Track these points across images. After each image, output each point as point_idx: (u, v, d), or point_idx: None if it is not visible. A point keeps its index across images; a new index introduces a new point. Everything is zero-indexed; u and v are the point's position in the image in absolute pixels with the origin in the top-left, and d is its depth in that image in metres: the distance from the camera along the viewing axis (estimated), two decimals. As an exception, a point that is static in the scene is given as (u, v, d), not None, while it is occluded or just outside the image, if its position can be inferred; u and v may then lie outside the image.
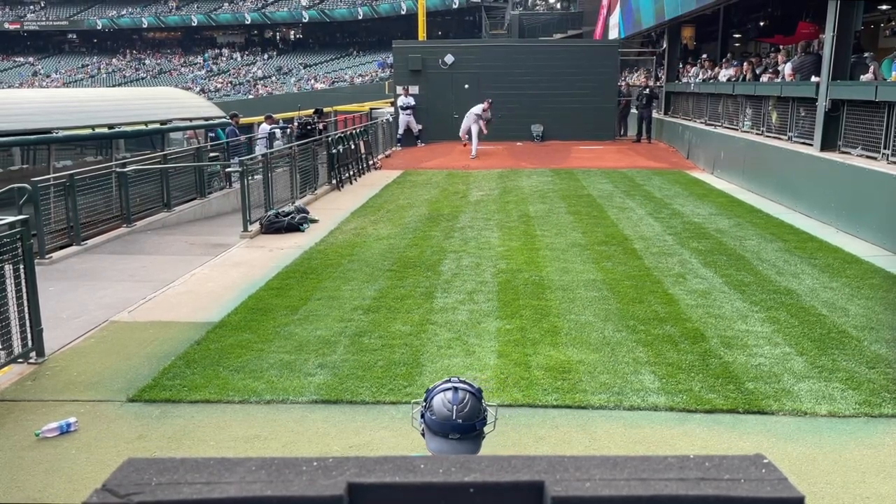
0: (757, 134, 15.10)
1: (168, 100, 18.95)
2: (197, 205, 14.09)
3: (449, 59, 23.72)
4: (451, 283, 8.33)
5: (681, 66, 23.22)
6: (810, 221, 11.28)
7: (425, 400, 2.31)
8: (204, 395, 5.50)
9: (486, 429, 2.30)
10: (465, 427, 2.23)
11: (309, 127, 16.71)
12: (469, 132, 20.32)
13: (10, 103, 14.84)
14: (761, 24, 21.56)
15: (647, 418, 5.12)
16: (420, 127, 23.35)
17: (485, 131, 20.04)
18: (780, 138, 13.92)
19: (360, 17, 62.56)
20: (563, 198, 13.90)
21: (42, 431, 4.88)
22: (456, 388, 2.29)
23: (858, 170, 10.43)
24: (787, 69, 14.09)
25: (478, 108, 20.07)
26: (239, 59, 67.61)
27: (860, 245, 9.73)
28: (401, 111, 23.30)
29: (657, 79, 25.74)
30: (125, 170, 12.37)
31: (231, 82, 62.62)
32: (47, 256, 9.73)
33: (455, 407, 2.24)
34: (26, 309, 6.11)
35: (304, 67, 63.33)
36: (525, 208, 12.92)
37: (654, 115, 23.26)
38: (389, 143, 22.69)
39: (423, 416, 2.30)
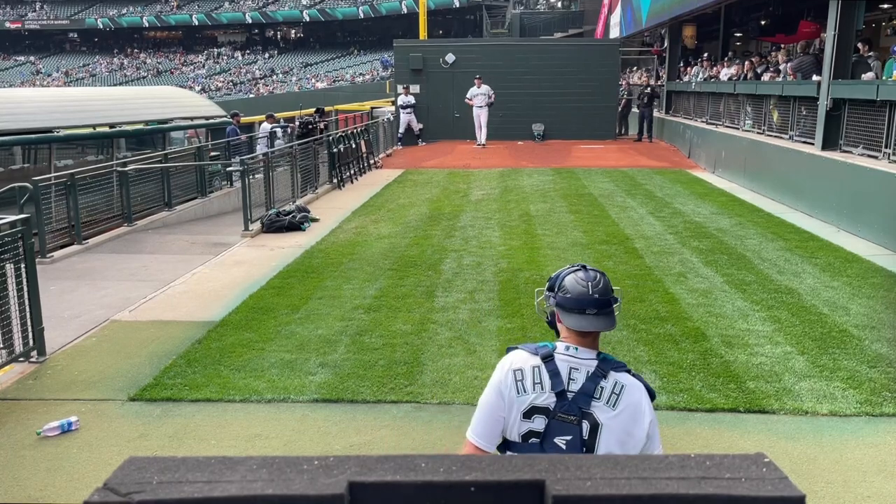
0: (758, 133, 15.08)
1: (169, 99, 18.95)
2: (198, 204, 14.09)
3: (450, 58, 23.72)
4: (452, 282, 8.33)
5: (681, 65, 23.21)
6: (811, 221, 11.27)
7: (551, 287, 2.40)
8: (205, 394, 5.50)
9: (616, 308, 2.40)
10: (602, 302, 2.32)
11: (310, 126, 16.72)
12: (480, 125, 21.66)
13: (12, 103, 14.84)
14: (762, 23, 21.53)
15: (647, 417, 5.11)
16: (421, 126, 23.36)
17: (491, 99, 21.65)
18: (781, 137, 13.91)
19: (360, 17, 62.55)
20: (564, 197, 13.90)
21: (43, 430, 4.89)
22: (585, 268, 2.40)
23: (860, 169, 10.42)
24: (786, 70, 14.08)
25: (471, 93, 21.52)
26: (240, 58, 67.62)
27: (861, 244, 9.72)
28: (401, 110, 23.31)
29: (658, 78, 25.72)
30: (126, 169, 12.37)
31: (232, 81, 62.62)
32: (48, 255, 9.73)
33: (590, 284, 2.34)
34: (27, 308, 6.12)
35: (305, 66, 63.32)
36: (526, 207, 12.92)
37: (655, 114, 23.25)
38: (390, 143, 22.69)
39: (553, 299, 2.38)
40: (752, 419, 5.08)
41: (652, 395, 2.38)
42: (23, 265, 6.10)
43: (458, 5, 57.38)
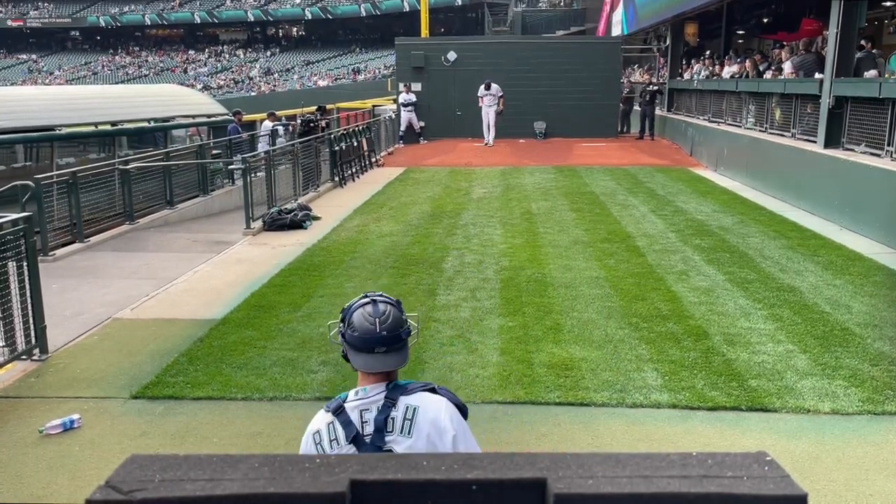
0: (760, 131, 15.06)
1: (170, 97, 18.95)
2: (199, 202, 14.09)
3: (451, 56, 23.71)
4: (454, 280, 8.33)
5: (683, 62, 23.18)
6: (813, 219, 11.26)
7: (343, 319, 2.24)
8: (207, 392, 5.51)
9: (410, 340, 2.27)
10: (391, 339, 2.20)
11: (311, 124, 16.72)
12: (489, 125, 21.75)
13: (14, 101, 14.86)
14: (764, 20, 21.51)
15: (649, 416, 5.12)
16: (422, 124, 23.35)
17: (501, 108, 21.70)
18: (783, 135, 13.89)
19: (362, 14, 62.53)
20: (565, 195, 13.89)
21: (45, 428, 4.90)
22: (375, 301, 2.25)
23: (862, 167, 10.41)
24: (787, 67, 14.05)
25: (480, 92, 21.50)
26: (241, 56, 67.63)
27: (863, 242, 9.71)
28: (402, 108, 23.31)
29: (660, 75, 25.69)
30: (128, 167, 12.38)
31: (233, 79, 62.64)
32: (50, 254, 9.74)
33: (377, 319, 2.20)
34: (29, 306, 6.12)
35: (307, 64, 63.32)
36: (528, 205, 12.91)
37: (657, 111, 23.22)
38: (392, 141, 22.69)
39: (343, 336, 2.23)
40: (753, 417, 5.07)
41: (462, 409, 2.23)
42: (25, 263, 6.11)
43: (459, 3, 57.33)
